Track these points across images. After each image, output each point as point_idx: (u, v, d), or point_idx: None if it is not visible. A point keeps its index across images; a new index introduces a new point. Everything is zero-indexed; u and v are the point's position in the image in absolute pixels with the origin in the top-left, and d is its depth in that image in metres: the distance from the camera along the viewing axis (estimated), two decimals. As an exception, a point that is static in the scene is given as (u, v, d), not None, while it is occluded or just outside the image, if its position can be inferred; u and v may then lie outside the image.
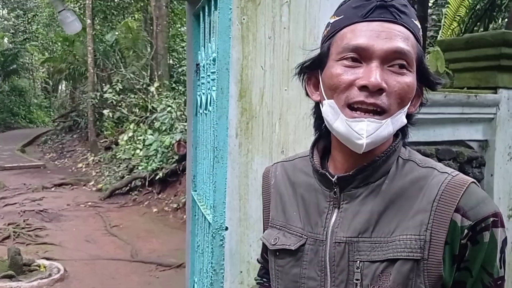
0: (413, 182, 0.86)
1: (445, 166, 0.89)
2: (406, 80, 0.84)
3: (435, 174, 0.86)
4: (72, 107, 17.40)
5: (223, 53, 1.71)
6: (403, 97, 0.84)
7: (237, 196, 2.29)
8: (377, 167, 0.87)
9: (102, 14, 14.82)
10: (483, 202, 0.82)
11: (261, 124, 2.37)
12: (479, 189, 0.84)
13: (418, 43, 0.87)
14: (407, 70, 0.84)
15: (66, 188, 10.27)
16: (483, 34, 3.19)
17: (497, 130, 3.17)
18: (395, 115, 0.84)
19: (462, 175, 0.85)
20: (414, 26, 0.87)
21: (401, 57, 0.83)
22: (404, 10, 0.85)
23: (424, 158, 0.91)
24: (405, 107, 0.86)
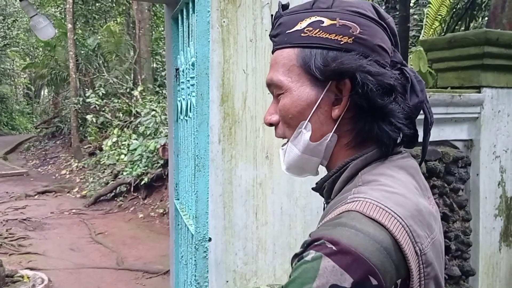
0: (333, 205, 0.77)
1: (369, 190, 0.73)
2: (279, 105, 0.85)
3: (346, 200, 0.73)
4: (54, 113, 17.15)
5: (202, 57, 1.66)
6: (285, 119, 0.84)
7: (221, 204, 2.24)
8: (331, 183, 0.84)
9: (84, 18, 14.64)
10: (332, 226, 0.67)
11: (245, 129, 2.32)
12: (349, 218, 0.67)
13: (302, 46, 0.80)
14: (281, 94, 0.84)
15: (50, 196, 10.10)
16: (466, 34, 3.18)
17: (481, 129, 3.16)
18: (293, 138, 0.84)
19: (353, 204, 0.70)
20: (289, 37, 0.82)
21: (273, 88, 0.86)
22: (276, 33, 0.85)
23: (370, 180, 0.77)
24: (297, 126, 0.83)
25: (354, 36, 0.79)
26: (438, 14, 7.21)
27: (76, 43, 13.07)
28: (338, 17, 0.79)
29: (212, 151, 2.21)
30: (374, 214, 0.67)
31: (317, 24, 0.80)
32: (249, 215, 2.31)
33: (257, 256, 2.33)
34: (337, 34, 0.79)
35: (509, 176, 3.32)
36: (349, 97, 0.79)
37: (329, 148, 0.83)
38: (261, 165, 2.35)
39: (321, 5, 0.81)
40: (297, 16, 0.82)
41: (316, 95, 0.81)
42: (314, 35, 0.79)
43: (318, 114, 0.81)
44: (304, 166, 0.86)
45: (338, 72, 0.78)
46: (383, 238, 0.65)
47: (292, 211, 2.43)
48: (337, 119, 0.81)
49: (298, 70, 0.81)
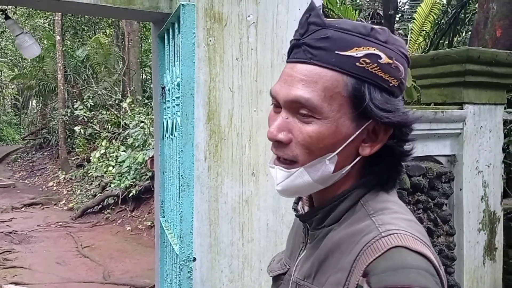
0: (351, 235, 0.77)
1: (392, 220, 0.75)
2: (308, 129, 0.76)
3: (370, 229, 0.75)
4: (42, 124, 17.01)
5: (187, 78, 1.68)
6: (310, 147, 0.77)
7: (207, 222, 2.25)
8: (328, 211, 0.82)
9: (73, 29, 14.62)
10: (394, 271, 0.68)
11: (231, 146, 2.34)
12: (402, 256, 0.69)
13: (354, 76, 0.75)
14: (313, 117, 0.76)
15: (37, 208, 9.98)
16: (448, 51, 3.25)
17: (464, 144, 3.22)
18: (310, 165, 0.78)
19: (394, 237, 0.71)
20: (339, 59, 0.75)
21: (301, 106, 0.76)
22: (319, 46, 0.76)
23: (381, 208, 0.79)
24: (324, 156, 0.77)
25: (400, 80, 0.77)
26: (422, 29, 7.34)
27: (64, 55, 13.03)
28: (394, 57, 0.76)
29: (198, 168, 2.22)
30: (417, 247, 0.70)
31: (375, 58, 0.75)
32: (235, 232, 2.32)
33: (243, 273, 2.34)
34: (391, 75, 0.76)
35: (492, 190, 3.38)
36: (384, 142, 0.79)
37: (339, 178, 0.81)
38: (247, 182, 2.37)
39: (379, 37, 0.76)
40: (351, 38, 0.75)
41: (354, 129, 0.77)
42: (371, 70, 0.74)
43: (347, 148, 0.78)
44: (304, 191, 0.84)
45: (397, 122, 0.76)
46: (432, 271, 0.70)
47: (278, 227, 2.45)
48: (360, 156, 0.79)
49: (342, 100, 0.75)
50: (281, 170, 0.80)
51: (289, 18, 2.45)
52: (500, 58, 3.19)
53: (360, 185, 0.81)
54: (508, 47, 5.02)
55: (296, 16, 2.46)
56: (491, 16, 5.49)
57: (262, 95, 2.40)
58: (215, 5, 2.27)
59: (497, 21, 5.37)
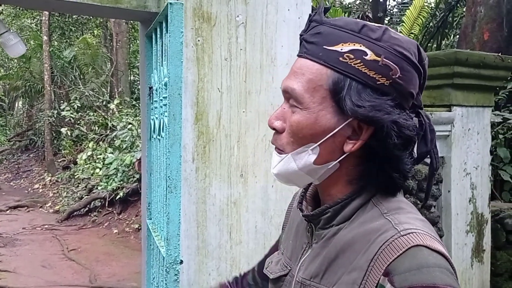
0: (365, 234, 0.77)
1: (408, 220, 0.76)
2: (292, 118, 0.81)
3: (386, 228, 0.75)
4: (28, 126, 16.80)
5: (175, 78, 1.65)
6: (294, 135, 0.81)
7: (195, 224, 2.21)
8: (338, 210, 0.82)
9: (60, 30, 14.46)
10: (418, 270, 0.68)
11: (219, 147, 2.31)
12: (424, 255, 0.70)
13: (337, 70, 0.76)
14: (297, 107, 0.80)
15: (22, 211, 9.84)
16: (437, 54, 3.27)
17: (452, 146, 3.23)
18: (296, 153, 0.81)
19: (413, 236, 0.72)
20: (325, 53, 0.77)
21: (290, 96, 0.81)
22: (312, 40, 0.79)
23: (395, 207, 0.79)
24: (307, 145, 0.80)
25: (392, 79, 0.75)
26: (411, 32, 7.40)
27: (51, 55, 12.88)
28: (384, 54, 0.75)
29: (185, 170, 2.19)
30: (436, 246, 0.71)
31: (359, 54, 0.75)
32: (223, 235, 2.29)
33: (231, 276, 2.30)
34: (377, 72, 0.74)
35: (479, 192, 3.39)
36: (364, 141, 0.78)
37: (327, 173, 0.82)
38: (235, 183, 2.34)
39: (370, 34, 0.76)
40: (340, 34, 0.76)
41: (335, 124, 0.77)
42: (354, 65, 0.75)
43: (329, 141, 0.79)
44: (295, 180, 0.85)
45: (368, 117, 0.75)
46: (451, 270, 0.71)
47: (267, 229, 2.42)
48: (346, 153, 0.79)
49: (324, 93, 0.77)
50: (276, 154, 0.85)
51: (278, 19, 2.43)
52: (488, 61, 3.21)
53: (370, 185, 0.81)
54: (496, 50, 5.07)
55: (285, 16, 2.45)
56: (478, 20, 5.55)
57: (251, 96, 2.38)
58: (204, 5, 2.24)
59: (485, 24, 5.43)
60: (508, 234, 3.63)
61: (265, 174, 2.40)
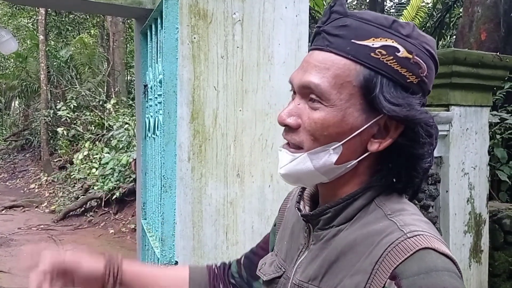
0: (368, 236, 0.74)
1: (414, 221, 0.73)
2: (315, 116, 0.76)
3: (391, 230, 0.72)
4: (24, 125, 16.73)
5: (169, 75, 1.62)
6: (314, 133, 0.76)
7: (190, 224, 2.18)
8: (340, 210, 0.79)
9: (57, 29, 14.42)
10: (427, 273, 0.66)
11: (215, 146, 2.29)
12: (432, 259, 0.68)
13: (368, 67, 0.73)
14: (321, 104, 0.75)
15: (18, 211, 9.78)
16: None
17: (450, 146, 3.21)
18: (314, 152, 0.77)
19: (420, 238, 0.69)
20: (354, 48, 0.73)
21: (311, 92, 0.76)
22: (336, 33, 0.75)
23: (398, 209, 0.77)
24: (328, 145, 0.76)
25: (421, 78, 0.74)
26: (409, 32, 7.37)
27: (48, 55, 12.83)
28: (415, 52, 0.73)
29: (181, 169, 2.16)
30: (444, 249, 0.69)
31: (392, 51, 0.72)
32: (219, 235, 2.26)
33: (227, 276, 2.28)
34: (408, 70, 0.73)
35: (477, 192, 3.37)
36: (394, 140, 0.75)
37: (343, 172, 0.79)
38: (232, 183, 2.31)
39: (401, 30, 0.74)
40: (370, 29, 0.73)
41: (362, 122, 0.74)
42: (386, 62, 0.72)
43: (354, 141, 0.76)
44: (306, 180, 0.81)
45: (405, 116, 0.72)
46: (458, 273, 0.70)
47: (264, 230, 2.39)
48: (369, 151, 0.77)
49: (353, 90, 0.74)
50: (287, 153, 0.79)
51: (275, 16, 2.40)
52: (486, 60, 3.20)
53: (373, 185, 0.78)
54: (493, 50, 5.06)
55: (282, 14, 2.42)
56: (476, 20, 5.54)
57: (247, 94, 2.35)
58: (200, 1, 2.21)
59: (482, 24, 5.42)
60: (506, 234, 3.62)
61: (262, 174, 2.37)
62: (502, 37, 5.44)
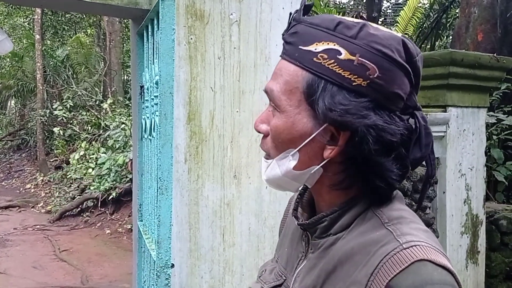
0: (365, 245, 0.72)
1: (411, 231, 0.71)
2: (272, 122, 0.78)
3: (387, 240, 0.70)
4: (20, 125, 16.67)
5: (166, 76, 1.61)
6: (274, 140, 0.78)
7: (187, 226, 2.17)
8: (336, 218, 0.78)
9: (53, 29, 14.35)
10: (421, 287, 0.64)
11: (212, 148, 2.27)
12: (428, 271, 0.66)
13: (311, 72, 0.72)
14: (276, 110, 0.77)
15: (13, 211, 9.75)
16: (432, 54, 3.24)
17: (447, 147, 3.21)
18: (279, 158, 0.78)
19: (417, 249, 0.67)
20: (300, 54, 0.73)
21: (270, 98, 0.79)
22: (289, 41, 0.76)
23: (396, 216, 0.74)
24: (287, 151, 0.76)
25: (370, 80, 0.69)
26: (405, 33, 7.40)
27: (44, 54, 12.78)
28: (359, 53, 0.69)
29: (177, 170, 2.15)
30: (441, 261, 0.67)
31: (333, 54, 0.70)
32: (215, 237, 2.25)
33: (224, 279, 2.27)
34: (352, 73, 0.69)
35: (474, 193, 3.38)
36: (341, 148, 0.73)
37: (313, 178, 0.78)
38: (228, 185, 2.30)
39: (345, 31, 0.71)
40: (315, 33, 0.72)
41: (312, 129, 0.74)
42: (327, 66, 0.70)
43: (309, 147, 0.75)
44: (285, 185, 0.82)
45: (339, 122, 0.70)
46: (455, 285, 0.67)
47: (261, 231, 2.39)
48: (326, 159, 0.75)
49: (300, 96, 0.73)
50: (263, 160, 0.83)
51: (272, 17, 2.40)
52: (483, 61, 3.20)
53: (369, 191, 0.76)
54: (490, 51, 5.07)
55: (280, 15, 2.41)
56: (472, 21, 5.54)
57: (245, 95, 2.34)
58: (197, 2, 2.20)
59: (479, 25, 5.42)
60: (503, 235, 3.62)
61: (258, 175, 2.36)
62: (498, 38, 5.45)
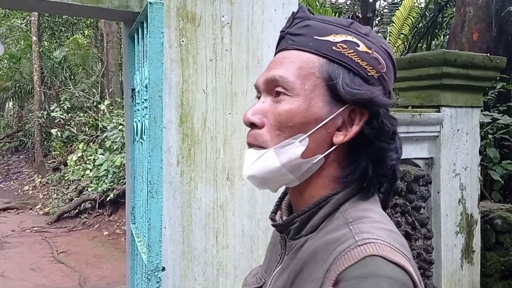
0: (327, 244, 0.72)
1: (371, 229, 0.71)
2: (280, 108, 0.77)
3: (346, 238, 0.71)
4: (18, 127, 16.65)
5: (155, 79, 1.61)
6: (280, 126, 0.76)
7: (180, 228, 2.17)
8: (306, 219, 0.78)
9: (50, 30, 14.34)
10: (365, 278, 0.64)
11: (204, 150, 2.28)
12: (377, 265, 0.65)
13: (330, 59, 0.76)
14: (286, 95, 0.77)
15: (11, 213, 9.75)
16: (425, 54, 3.24)
17: (441, 147, 3.21)
18: (279, 146, 0.76)
19: (370, 246, 0.67)
20: (316, 43, 0.77)
21: (276, 84, 0.78)
22: (299, 33, 0.78)
23: (360, 216, 0.74)
24: (294, 137, 0.76)
25: (380, 73, 0.77)
26: (401, 32, 7.41)
27: (41, 56, 12.77)
28: (373, 48, 0.77)
29: (170, 173, 2.15)
30: (395, 258, 0.66)
31: (352, 45, 0.76)
32: (209, 239, 2.26)
33: (217, 281, 2.27)
34: (369, 64, 0.76)
35: (469, 193, 3.38)
36: (360, 128, 0.76)
37: (310, 170, 0.78)
38: (221, 186, 2.31)
39: (359, 29, 0.78)
40: (331, 27, 0.77)
41: (327, 113, 0.75)
42: (347, 54, 0.75)
43: (320, 132, 0.76)
44: (273, 179, 0.79)
45: (366, 100, 0.74)
46: (410, 285, 0.66)
47: (254, 233, 2.39)
48: (335, 145, 0.77)
49: (316, 81, 0.76)
50: (252, 151, 0.79)
51: (264, 19, 2.40)
52: (477, 61, 3.20)
53: (339, 191, 0.77)
54: (485, 50, 5.07)
55: (271, 16, 2.42)
56: (467, 20, 5.55)
57: (237, 97, 2.34)
58: (188, 4, 2.20)
59: (474, 24, 5.43)
60: (498, 234, 3.63)
61: (251, 176, 2.36)
62: (494, 37, 5.46)
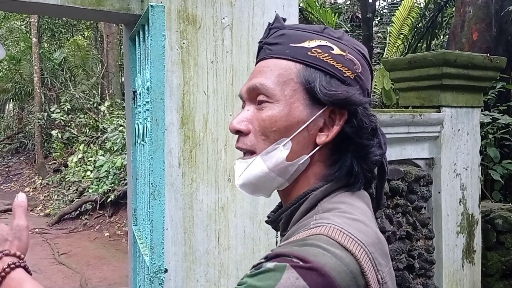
0: (292, 234, 0.75)
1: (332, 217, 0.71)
2: (263, 115, 0.80)
3: (306, 227, 0.72)
4: (19, 128, 16.65)
5: (157, 82, 1.62)
6: (264, 132, 0.79)
7: (182, 230, 2.18)
8: (289, 215, 0.81)
9: (50, 32, 14.34)
10: (298, 243, 0.66)
11: (206, 151, 2.28)
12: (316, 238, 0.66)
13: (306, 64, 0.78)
14: (268, 102, 0.80)
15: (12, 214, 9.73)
16: (425, 54, 3.25)
17: (442, 147, 3.22)
18: (265, 152, 0.79)
19: (319, 228, 0.68)
20: (292, 50, 0.80)
21: (258, 92, 0.81)
22: (276, 42, 0.82)
23: (330, 208, 0.75)
24: (278, 142, 0.79)
25: (356, 73, 0.80)
26: (401, 32, 7.42)
27: (41, 57, 12.77)
28: (347, 50, 0.80)
29: (171, 175, 2.15)
30: (340, 238, 0.66)
31: (326, 49, 0.79)
32: (210, 240, 2.26)
33: (219, 282, 2.28)
34: (344, 65, 0.79)
35: (469, 193, 3.39)
36: (341, 128, 0.79)
37: (298, 171, 0.80)
38: (223, 188, 2.31)
39: (332, 34, 0.81)
40: (305, 34, 0.80)
41: (308, 116, 0.79)
42: (322, 58, 0.78)
43: (302, 135, 0.79)
44: (264, 185, 0.82)
45: (343, 100, 0.77)
46: (349, 261, 0.64)
47: (256, 234, 2.40)
48: (318, 145, 0.79)
49: (295, 86, 0.79)
50: (240, 162, 0.82)
51: (265, 21, 2.40)
52: (477, 61, 3.21)
53: (318, 187, 0.79)
54: (485, 50, 5.08)
55: (272, 18, 2.41)
56: (467, 20, 5.56)
57: (238, 99, 2.34)
58: (189, 7, 2.21)
59: (474, 24, 5.44)
60: (499, 234, 3.63)
61: (253, 178, 2.37)
62: (493, 37, 5.46)
